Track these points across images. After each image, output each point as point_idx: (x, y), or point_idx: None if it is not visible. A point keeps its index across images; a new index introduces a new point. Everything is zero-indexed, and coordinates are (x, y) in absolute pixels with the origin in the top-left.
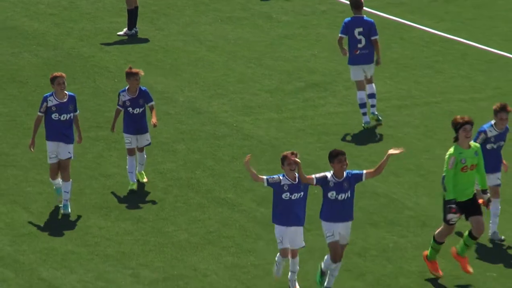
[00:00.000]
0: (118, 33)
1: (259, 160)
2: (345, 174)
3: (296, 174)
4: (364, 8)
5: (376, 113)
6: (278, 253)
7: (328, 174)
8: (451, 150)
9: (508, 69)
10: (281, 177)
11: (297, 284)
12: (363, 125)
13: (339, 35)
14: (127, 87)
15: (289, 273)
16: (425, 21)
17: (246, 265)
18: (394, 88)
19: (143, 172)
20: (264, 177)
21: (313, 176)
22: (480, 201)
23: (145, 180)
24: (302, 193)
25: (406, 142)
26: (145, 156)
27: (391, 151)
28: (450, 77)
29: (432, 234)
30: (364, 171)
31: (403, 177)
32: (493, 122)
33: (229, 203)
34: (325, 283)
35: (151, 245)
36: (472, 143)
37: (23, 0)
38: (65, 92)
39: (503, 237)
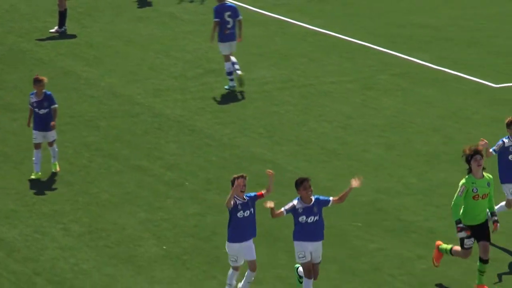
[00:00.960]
0: (50, 30)
1: (167, 134)
2: (313, 199)
3: (245, 195)
4: (252, 8)
5: (240, 72)
6: (230, 270)
7: (295, 202)
8: (464, 180)
9: (369, 57)
10: (237, 201)
11: None
12: (227, 87)
13: (215, 20)
14: (35, 91)
15: (243, 282)
16: (302, 18)
17: (157, 220)
18: (277, 73)
19: (56, 163)
20: (229, 206)
21: (283, 209)
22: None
23: (58, 169)
24: (252, 209)
25: (287, 117)
26: (56, 149)
27: (353, 185)
28: (322, 64)
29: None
30: (331, 199)
31: (285, 146)
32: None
33: (142, 169)
34: None
35: (79, 204)
36: (486, 174)
37: None
38: None
39: None
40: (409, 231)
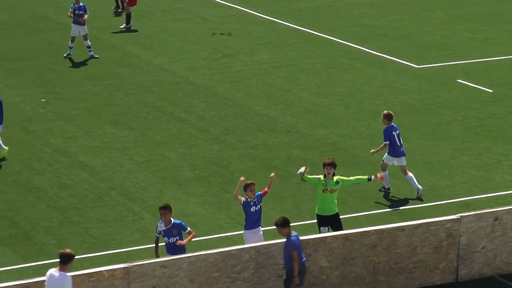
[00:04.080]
0: (120, 26)
1: (199, 96)
2: (172, 221)
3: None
4: (254, 12)
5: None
6: None
7: (158, 223)
8: (320, 176)
9: (333, 46)
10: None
11: None
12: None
13: (69, 13)
14: None
15: None
16: (288, 20)
17: (191, 154)
18: (272, 57)
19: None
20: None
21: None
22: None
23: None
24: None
25: (278, 86)
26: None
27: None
28: (301, 51)
29: None
30: (188, 230)
31: (277, 106)
32: None
33: (182, 119)
34: None
35: (140, 142)
36: (336, 176)
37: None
38: None
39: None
40: (359, 163)
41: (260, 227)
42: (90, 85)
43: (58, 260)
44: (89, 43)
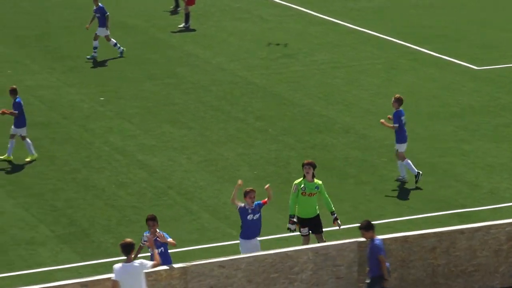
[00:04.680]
0: (179, 26)
1: (257, 96)
2: (158, 232)
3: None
4: (314, 13)
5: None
6: None
7: (145, 233)
8: (297, 180)
9: (392, 47)
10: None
11: None
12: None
13: (108, 14)
14: None
15: None
16: (347, 20)
17: (249, 153)
18: (331, 57)
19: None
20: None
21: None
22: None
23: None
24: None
25: (337, 86)
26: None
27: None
28: (361, 51)
29: None
30: (169, 240)
31: (335, 106)
32: None
33: (240, 119)
34: None
35: (197, 142)
36: (316, 180)
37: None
38: None
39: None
40: (417, 165)
41: (257, 238)
42: (149, 84)
43: (123, 255)
44: (97, 45)
